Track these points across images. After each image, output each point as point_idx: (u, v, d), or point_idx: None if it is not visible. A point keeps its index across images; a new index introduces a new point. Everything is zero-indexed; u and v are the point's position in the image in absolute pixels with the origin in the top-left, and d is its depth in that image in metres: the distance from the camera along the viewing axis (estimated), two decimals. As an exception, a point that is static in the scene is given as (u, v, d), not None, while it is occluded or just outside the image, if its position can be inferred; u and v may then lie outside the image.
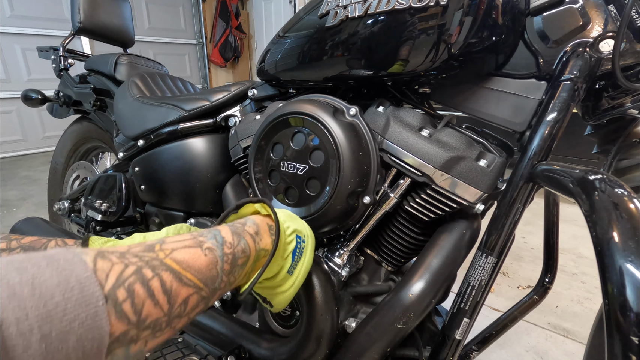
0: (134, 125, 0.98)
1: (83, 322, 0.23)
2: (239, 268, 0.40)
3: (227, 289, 0.39)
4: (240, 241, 0.40)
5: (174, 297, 0.31)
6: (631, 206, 0.33)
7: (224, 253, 0.37)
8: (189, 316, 0.34)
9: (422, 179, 0.60)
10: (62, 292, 0.23)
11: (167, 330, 0.32)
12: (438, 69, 0.57)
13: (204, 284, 0.34)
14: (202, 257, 0.35)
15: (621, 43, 0.49)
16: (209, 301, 0.37)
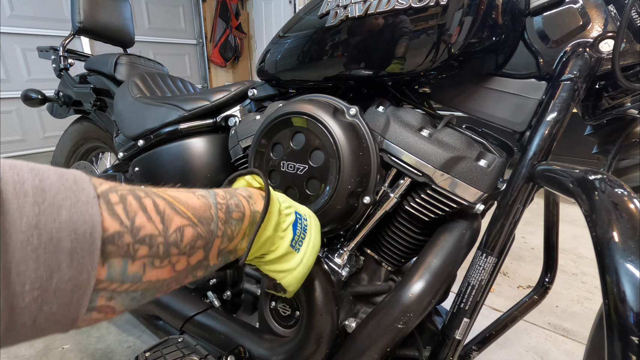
0: (134, 125, 0.98)
1: (75, 204, 0.23)
2: (235, 222, 0.39)
3: (226, 243, 0.38)
4: (233, 197, 0.40)
5: (168, 221, 0.30)
6: (631, 206, 0.33)
7: (217, 201, 0.37)
8: (188, 261, 0.33)
9: (422, 179, 0.60)
10: (57, 178, 0.23)
11: (166, 267, 0.30)
12: (438, 69, 0.57)
13: (198, 221, 0.33)
14: (196, 199, 0.34)
15: (621, 43, 0.49)
16: (208, 249, 0.35)
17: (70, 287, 0.23)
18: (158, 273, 0.30)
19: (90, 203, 0.24)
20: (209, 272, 0.38)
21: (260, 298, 0.77)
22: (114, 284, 0.26)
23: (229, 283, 0.88)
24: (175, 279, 0.32)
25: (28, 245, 0.21)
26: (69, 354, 1.15)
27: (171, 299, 0.83)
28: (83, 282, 0.24)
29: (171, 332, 0.84)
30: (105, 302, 0.26)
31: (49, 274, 0.22)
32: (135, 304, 0.30)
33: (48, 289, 0.22)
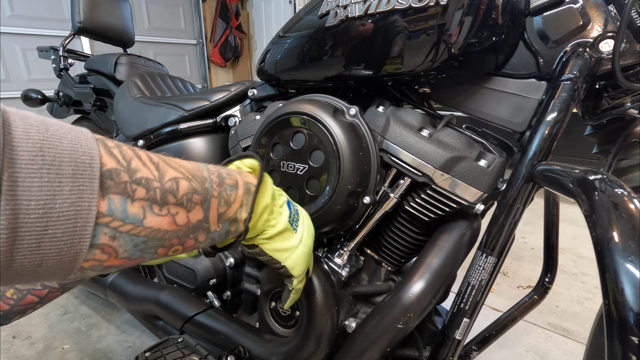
0: (134, 125, 0.98)
1: (75, 138, 0.25)
2: (229, 187, 0.39)
3: (224, 207, 0.38)
4: (224, 168, 0.41)
5: (162, 170, 0.31)
6: (631, 206, 0.33)
7: (208, 167, 0.38)
8: (188, 215, 0.33)
9: (422, 179, 0.60)
10: (57, 122, 0.25)
11: (166, 216, 0.31)
12: (438, 69, 0.57)
13: (192, 176, 0.34)
14: (187, 162, 0.36)
15: (621, 43, 0.49)
16: (207, 208, 0.36)
17: (72, 212, 0.24)
18: (158, 221, 0.30)
19: (89, 140, 0.26)
20: (212, 240, 0.39)
21: (260, 298, 0.77)
22: (115, 221, 0.27)
23: (229, 283, 0.88)
24: (177, 234, 0.33)
25: (33, 164, 0.22)
26: (69, 354, 1.15)
27: (171, 299, 0.83)
28: (84, 210, 0.25)
29: (171, 332, 0.84)
30: (108, 241, 0.27)
31: (52, 194, 0.23)
32: (138, 253, 0.30)
33: (52, 210, 0.23)
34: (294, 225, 0.49)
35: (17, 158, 0.21)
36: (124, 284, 0.93)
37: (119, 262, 0.29)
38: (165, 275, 0.94)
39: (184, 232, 0.34)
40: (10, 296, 0.47)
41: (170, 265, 0.91)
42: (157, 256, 0.33)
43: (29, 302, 0.48)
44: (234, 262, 0.86)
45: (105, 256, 0.28)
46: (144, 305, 0.87)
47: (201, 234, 0.36)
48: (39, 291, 0.49)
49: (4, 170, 0.21)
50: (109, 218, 0.26)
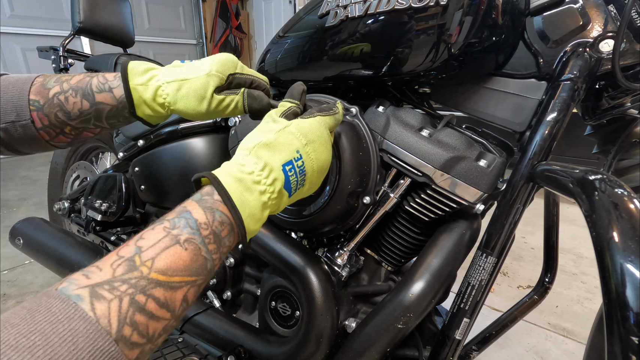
0: (134, 125, 0.98)
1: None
2: (225, 239, 0.38)
3: (223, 257, 0.39)
4: (215, 215, 0.38)
5: (172, 305, 0.33)
6: (631, 206, 0.33)
7: (203, 238, 0.36)
8: (198, 293, 0.37)
9: (422, 179, 0.60)
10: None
11: (181, 313, 0.35)
12: (438, 69, 0.57)
13: (196, 276, 0.35)
14: (184, 253, 0.34)
15: (621, 43, 0.49)
16: (209, 278, 0.38)
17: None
18: (175, 321, 0.35)
19: (116, 357, 0.28)
20: None
21: (260, 298, 0.77)
22: (147, 355, 0.32)
23: (229, 283, 0.88)
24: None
25: None
26: (69, 354, 1.15)
27: (171, 299, 0.83)
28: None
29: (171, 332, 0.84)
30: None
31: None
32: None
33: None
34: (299, 187, 0.45)
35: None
36: (124, 284, 0.93)
37: None
38: (165, 275, 0.94)
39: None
40: (68, 132, 0.52)
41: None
42: None
43: (86, 137, 0.54)
44: (234, 262, 0.86)
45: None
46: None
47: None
48: (92, 129, 0.53)
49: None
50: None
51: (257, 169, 0.41)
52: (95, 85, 0.50)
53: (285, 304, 0.73)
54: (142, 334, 0.31)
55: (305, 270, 0.64)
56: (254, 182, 0.40)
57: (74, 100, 0.49)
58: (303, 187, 0.47)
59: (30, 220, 1.13)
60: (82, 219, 1.21)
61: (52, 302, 0.27)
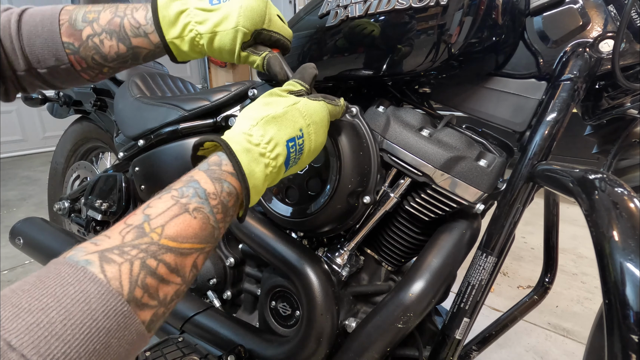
0: (134, 125, 0.98)
1: (118, 327, 0.27)
2: (231, 209, 0.39)
3: (227, 226, 0.40)
4: (223, 186, 0.38)
5: (183, 270, 0.34)
6: (631, 205, 0.33)
7: (211, 207, 0.36)
8: (201, 267, 0.38)
9: (422, 178, 0.60)
10: (90, 319, 0.26)
11: (191, 278, 0.36)
12: (438, 69, 0.57)
13: (204, 244, 0.36)
14: (194, 221, 0.35)
15: (621, 43, 0.49)
16: (215, 245, 0.39)
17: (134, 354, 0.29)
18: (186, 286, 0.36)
19: (128, 316, 0.28)
20: None
21: (260, 298, 0.77)
22: (160, 320, 0.33)
23: (229, 283, 0.88)
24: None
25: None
26: (69, 353, 1.15)
27: (171, 298, 0.83)
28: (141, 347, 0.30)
29: (171, 331, 0.84)
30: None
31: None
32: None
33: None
34: (292, 163, 0.46)
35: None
36: (124, 284, 0.93)
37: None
38: (166, 275, 0.94)
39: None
40: (106, 72, 0.53)
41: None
42: None
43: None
44: (234, 262, 0.86)
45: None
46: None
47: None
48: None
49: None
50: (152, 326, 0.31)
51: (263, 142, 0.41)
52: (129, 29, 0.49)
53: (285, 303, 0.73)
54: (154, 297, 0.31)
55: (305, 270, 0.64)
56: (260, 154, 0.40)
57: (110, 44, 0.49)
58: (295, 165, 0.48)
59: (30, 220, 1.13)
60: (82, 218, 1.21)
61: (61, 268, 0.27)
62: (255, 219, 0.73)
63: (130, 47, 0.50)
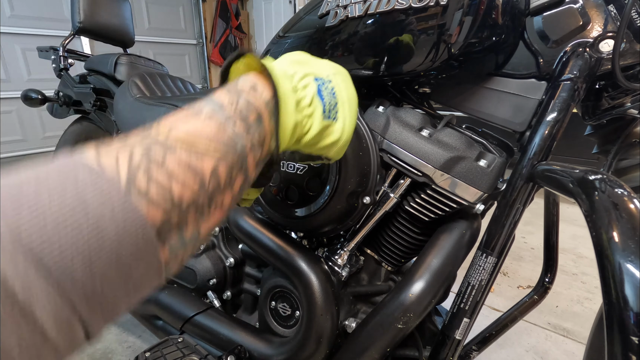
0: (134, 125, 0.98)
1: (114, 211, 0.22)
2: (255, 126, 0.34)
3: (259, 152, 0.35)
4: (240, 97, 0.34)
5: (200, 173, 0.28)
6: (631, 206, 0.33)
7: (228, 115, 0.32)
8: (232, 191, 0.32)
9: (422, 179, 0.60)
10: (77, 200, 0.21)
11: (216, 210, 0.30)
12: (438, 69, 0.57)
13: (225, 150, 0.30)
14: (206, 123, 0.30)
15: (621, 43, 0.49)
16: (245, 169, 0.33)
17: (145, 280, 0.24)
18: (210, 221, 0.30)
19: (127, 202, 0.23)
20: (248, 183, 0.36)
21: (260, 298, 0.77)
22: (177, 251, 0.27)
23: (229, 283, 0.88)
24: (225, 210, 0.32)
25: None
26: (69, 354, 1.15)
27: (171, 298, 0.83)
28: (154, 271, 0.25)
29: (171, 332, 0.84)
30: (174, 263, 0.27)
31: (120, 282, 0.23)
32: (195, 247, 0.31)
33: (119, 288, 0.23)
34: (332, 114, 0.42)
35: None
36: (124, 284, 0.93)
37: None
38: (165, 275, 0.94)
39: (231, 207, 0.33)
40: None
41: (170, 265, 0.92)
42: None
43: None
44: (234, 262, 0.86)
45: (175, 267, 0.28)
46: (144, 305, 0.87)
47: (243, 187, 0.34)
48: None
49: None
50: (171, 254, 0.26)
51: (296, 76, 0.39)
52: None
53: (285, 304, 0.73)
54: (162, 194, 0.25)
55: (305, 270, 0.64)
56: (293, 87, 0.38)
57: None
58: (336, 121, 0.42)
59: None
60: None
61: (50, 161, 0.24)
62: (255, 219, 0.73)
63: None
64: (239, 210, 0.76)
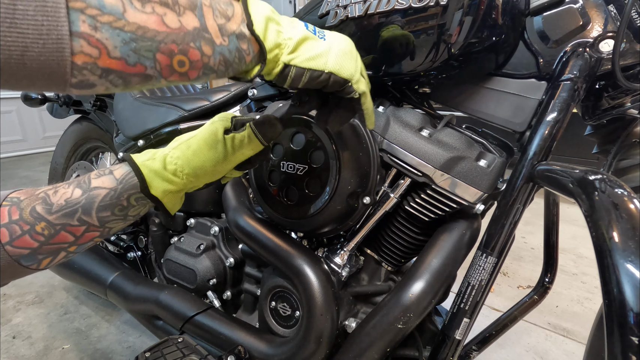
0: (134, 125, 0.98)
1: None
2: (221, 2, 0.36)
3: (221, 19, 0.36)
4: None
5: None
6: (631, 206, 0.33)
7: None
8: (178, 16, 0.32)
9: (422, 179, 0.60)
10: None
11: (151, 12, 0.31)
12: (438, 69, 0.57)
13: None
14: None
15: (621, 43, 0.49)
16: (200, 16, 0.34)
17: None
18: (143, 18, 0.30)
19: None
20: (223, 57, 0.36)
21: (260, 298, 0.77)
22: (91, 9, 0.27)
23: (229, 283, 0.88)
24: (173, 39, 0.32)
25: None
26: (68, 354, 1.15)
27: (171, 299, 0.83)
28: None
29: (171, 332, 0.84)
30: (90, 31, 0.27)
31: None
32: (133, 54, 0.30)
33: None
34: (319, 34, 0.43)
35: None
36: (124, 284, 0.93)
37: (115, 64, 0.29)
38: (165, 275, 0.94)
39: (180, 38, 0.32)
40: (40, 231, 0.41)
41: (170, 265, 0.91)
42: (161, 67, 0.32)
43: (62, 241, 0.43)
44: (234, 262, 0.86)
45: (95, 50, 0.27)
46: (144, 305, 0.87)
47: (205, 45, 0.34)
48: (75, 227, 0.43)
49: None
50: (82, 4, 0.26)
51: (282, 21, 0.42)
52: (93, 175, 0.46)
53: (285, 304, 0.73)
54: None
55: (305, 270, 0.64)
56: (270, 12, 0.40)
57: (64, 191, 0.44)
58: (323, 40, 0.43)
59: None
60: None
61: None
62: (255, 219, 0.73)
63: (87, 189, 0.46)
64: (239, 210, 0.76)
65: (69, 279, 1.05)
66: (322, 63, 0.42)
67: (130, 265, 1.06)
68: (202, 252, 0.86)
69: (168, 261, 0.92)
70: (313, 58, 0.41)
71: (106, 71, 0.29)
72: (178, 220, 0.95)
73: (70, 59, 0.26)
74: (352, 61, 0.44)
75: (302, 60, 0.41)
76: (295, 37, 0.41)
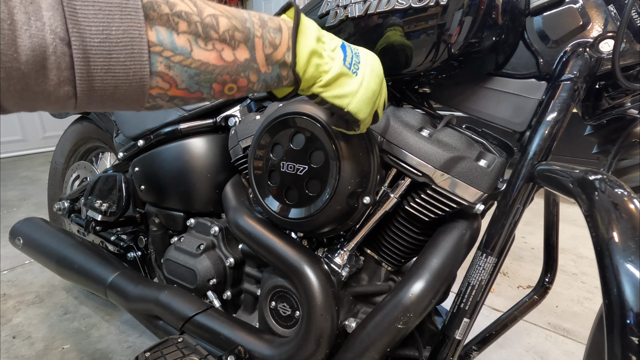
0: (133, 125, 0.98)
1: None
2: (272, 30, 0.40)
3: (270, 49, 0.40)
4: (265, 14, 0.40)
5: (200, 6, 0.34)
6: (631, 206, 0.33)
7: (249, 12, 0.39)
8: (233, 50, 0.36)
9: (422, 179, 0.60)
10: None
11: (212, 50, 0.35)
12: (438, 69, 0.57)
13: (231, 14, 0.36)
14: (225, 5, 0.37)
15: (621, 43, 0.49)
16: (252, 48, 0.38)
17: (127, 39, 0.28)
18: (206, 55, 0.35)
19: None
20: (265, 84, 0.41)
21: (260, 298, 0.77)
22: (166, 51, 0.32)
23: (229, 283, 0.88)
24: (228, 71, 0.37)
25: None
26: (69, 354, 1.15)
27: (171, 299, 0.83)
28: (137, 38, 0.29)
29: (171, 332, 0.84)
30: (165, 70, 0.32)
31: (107, 21, 0.27)
32: (195, 85, 0.35)
33: (110, 36, 0.27)
34: (353, 69, 0.46)
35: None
36: (124, 284, 0.93)
37: (181, 92, 0.35)
38: (166, 275, 0.94)
39: (234, 70, 0.37)
40: None
41: (170, 265, 0.91)
42: (214, 93, 0.38)
43: None
44: (234, 262, 0.86)
45: (166, 84, 0.33)
46: (144, 305, 0.87)
47: (252, 74, 0.39)
48: None
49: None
50: (160, 47, 0.31)
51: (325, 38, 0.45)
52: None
53: (285, 304, 0.73)
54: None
55: (305, 270, 0.64)
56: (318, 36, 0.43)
57: None
58: (356, 75, 0.46)
59: (30, 220, 1.13)
60: (82, 219, 1.21)
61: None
62: (255, 219, 0.73)
63: None
64: (239, 210, 0.76)
65: (69, 279, 1.05)
66: (346, 103, 0.46)
67: (130, 265, 1.06)
68: (202, 252, 0.86)
69: (168, 261, 0.92)
70: (339, 97, 0.46)
71: (173, 98, 0.35)
72: (178, 220, 0.95)
73: (148, 92, 0.32)
74: (369, 106, 0.48)
75: (329, 96, 0.45)
76: (332, 72, 0.44)
